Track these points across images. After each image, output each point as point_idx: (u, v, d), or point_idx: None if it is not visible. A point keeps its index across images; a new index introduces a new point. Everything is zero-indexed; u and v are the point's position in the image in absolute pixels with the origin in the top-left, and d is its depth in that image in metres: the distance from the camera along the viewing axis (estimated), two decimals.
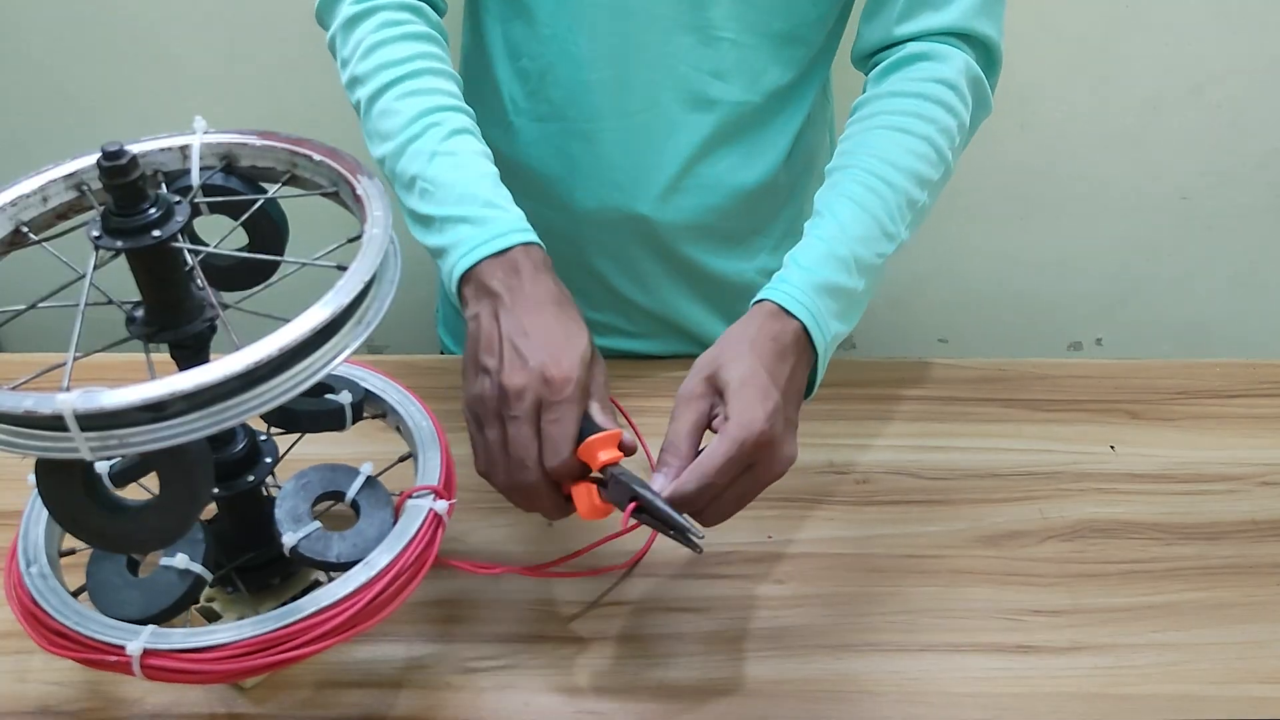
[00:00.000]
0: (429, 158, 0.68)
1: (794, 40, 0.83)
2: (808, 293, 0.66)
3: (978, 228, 1.43)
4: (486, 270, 0.64)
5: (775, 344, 0.64)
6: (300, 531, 0.58)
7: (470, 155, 0.69)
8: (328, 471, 0.61)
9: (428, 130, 0.69)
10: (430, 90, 0.71)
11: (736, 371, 0.62)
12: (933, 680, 0.66)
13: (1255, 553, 0.76)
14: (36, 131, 1.32)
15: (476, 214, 0.66)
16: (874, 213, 0.70)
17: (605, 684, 0.65)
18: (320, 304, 0.48)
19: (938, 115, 0.74)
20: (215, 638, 0.53)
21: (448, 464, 0.64)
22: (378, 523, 0.59)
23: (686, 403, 0.63)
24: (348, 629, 0.54)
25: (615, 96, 0.82)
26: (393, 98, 0.71)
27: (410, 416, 0.67)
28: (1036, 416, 0.88)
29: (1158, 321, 1.53)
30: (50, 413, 0.43)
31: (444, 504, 0.60)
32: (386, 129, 0.71)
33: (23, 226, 0.56)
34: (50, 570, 0.57)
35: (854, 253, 0.69)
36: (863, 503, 0.79)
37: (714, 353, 0.64)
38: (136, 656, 0.52)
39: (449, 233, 0.67)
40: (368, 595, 0.55)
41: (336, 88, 0.74)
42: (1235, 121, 1.34)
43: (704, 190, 0.87)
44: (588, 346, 0.62)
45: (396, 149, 0.70)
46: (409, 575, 0.57)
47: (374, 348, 1.32)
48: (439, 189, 0.67)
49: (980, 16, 0.76)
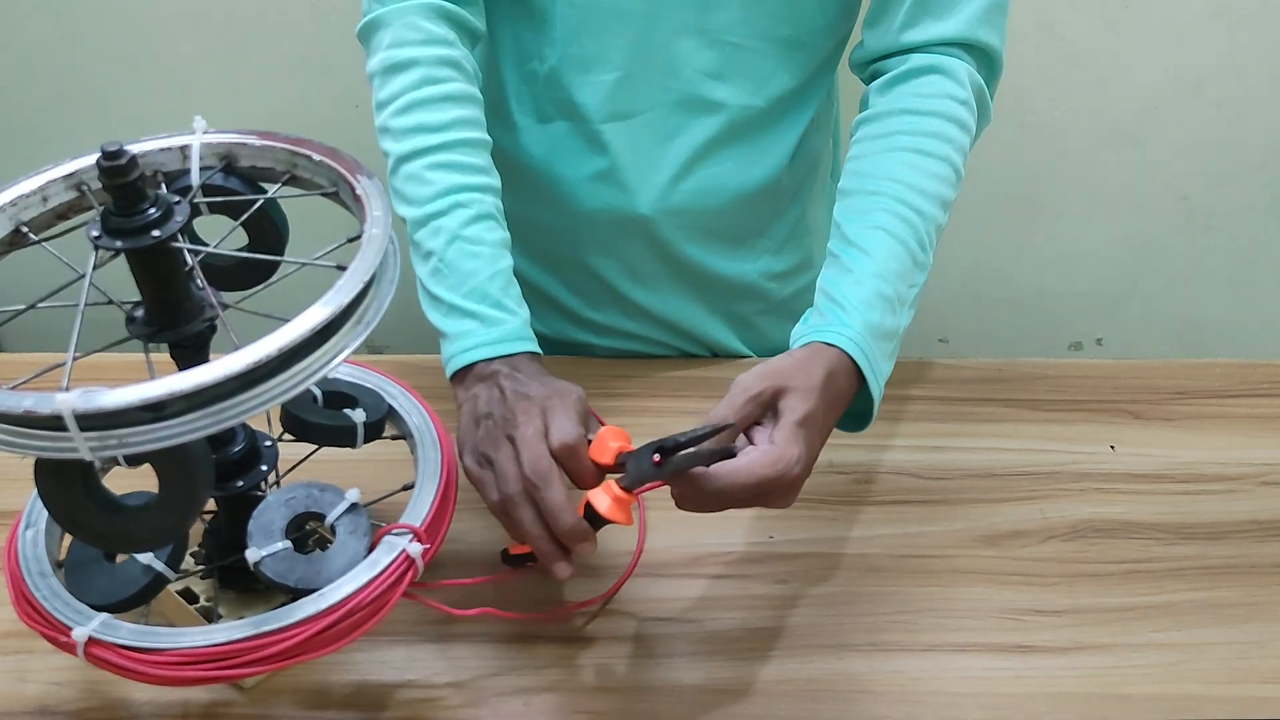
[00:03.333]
0: (449, 240, 0.70)
1: (800, 46, 0.82)
2: (865, 337, 0.67)
3: (978, 228, 1.43)
4: (484, 366, 0.67)
5: (837, 394, 0.65)
6: (266, 549, 0.56)
7: (489, 247, 0.71)
8: (316, 491, 0.59)
9: (453, 210, 0.71)
10: (462, 166, 0.72)
11: (802, 409, 0.62)
12: (933, 680, 0.66)
13: (1255, 552, 0.76)
14: (36, 131, 1.32)
15: (485, 314, 0.69)
16: (908, 244, 0.71)
17: (605, 684, 0.65)
18: (320, 304, 0.48)
19: (954, 135, 0.74)
20: (160, 642, 0.53)
21: (441, 501, 0.62)
22: (349, 554, 0.57)
23: (744, 391, 0.63)
24: (288, 657, 0.53)
25: (619, 99, 0.82)
26: (423, 165, 0.72)
27: (423, 447, 0.65)
28: (1036, 416, 0.88)
29: (1157, 321, 1.53)
30: (50, 413, 0.43)
31: (419, 548, 0.58)
32: (413, 195, 0.72)
33: (23, 226, 0.56)
34: (43, 537, 0.58)
35: (897, 291, 0.70)
36: (863, 503, 0.79)
37: (787, 368, 0.64)
38: (81, 642, 0.53)
39: (455, 322, 0.69)
40: (315, 626, 0.54)
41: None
42: (1235, 121, 1.34)
43: (706, 192, 0.87)
44: (584, 405, 0.65)
45: (419, 219, 0.71)
46: (364, 614, 0.55)
47: (374, 348, 1.32)
48: (453, 275, 0.70)
49: (984, 26, 0.76)
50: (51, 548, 0.59)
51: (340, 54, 1.23)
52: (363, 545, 0.58)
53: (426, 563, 0.59)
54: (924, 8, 0.76)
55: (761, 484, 0.59)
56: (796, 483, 0.62)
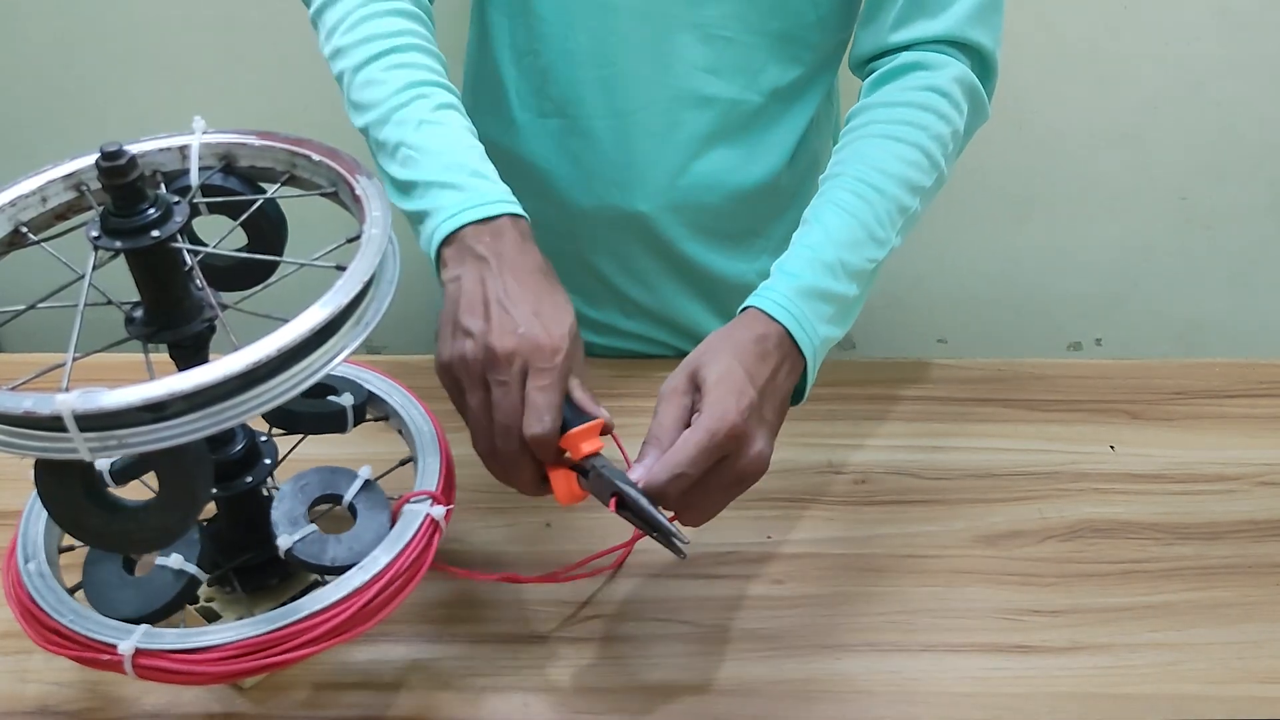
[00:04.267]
0: (416, 125, 0.67)
1: (793, 40, 0.83)
2: (792, 298, 0.66)
3: (977, 228, 1.43)
4: (471, 234, 0.64)
5: (757, 346, 0.64)
6: (296, 534, 0.58)
7: (458, 129, 0.69)
8: (326, 474, 0.61)
9: (415, 100, 0.68)
10: (418, 65, 0.71)
11: (715, 369, 0.62)
12: (931, 680, 0.66)
13: (1253, 553, 0.76)
14: (36, 131, 1.32)
15: (463, 181, 0.65)
16: (862, 218, 0.70)
17: (604, 684, 0.65)
18: (319, 304, 0.48)
19: (929, 122, 0.74)
20: (208, 639, 0.53)
21: (448, 468, 0.64)
22: (375, 526, 0.59)
23: (667, 398, 0.63)
24: (342, 632, 0.54)
25: (614, 94, 0.82)
26: (379, 69, 0.70)
27: (412, 420, 0.67)
28: (1035, 416, 0.88)
29: (1156, 321, 1.53)
30: (49, 413, 0.43)
31: (440, 509, 0.60)
32: (371, 98, 0.69)
33: (22, 226, 0.56)
34: (49, 568, 0.57)
35: (841, 258, 0.69)
36: (861, 503, 0.79)
37: (697, 352, 0.65)
38: (128, 656, 0.52)
39: (431, 198, 0.65)
40: (363, 599, 0.55)
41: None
42: (1234, 121, 1.34)
43: (703, 189, 0.87)
44: (574, 320, 0.62)
45: (380, 117, 0.69)
46: (404, 579, 0.57)
47: (373, 348, 1.32)
48: (424, 155, 0.66)
49: (975, 25, 0.76)
50: (59, 573, 0.58)
51: None
52: (385, 518, 0.59)
53: (447, 523, 0.61)
54: (915, 6, 0.76)
55: (704, 446, 0.58)
56: (749, 435, 0.60)
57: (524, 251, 0.64)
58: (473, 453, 0.62)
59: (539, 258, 0.65)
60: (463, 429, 0.63)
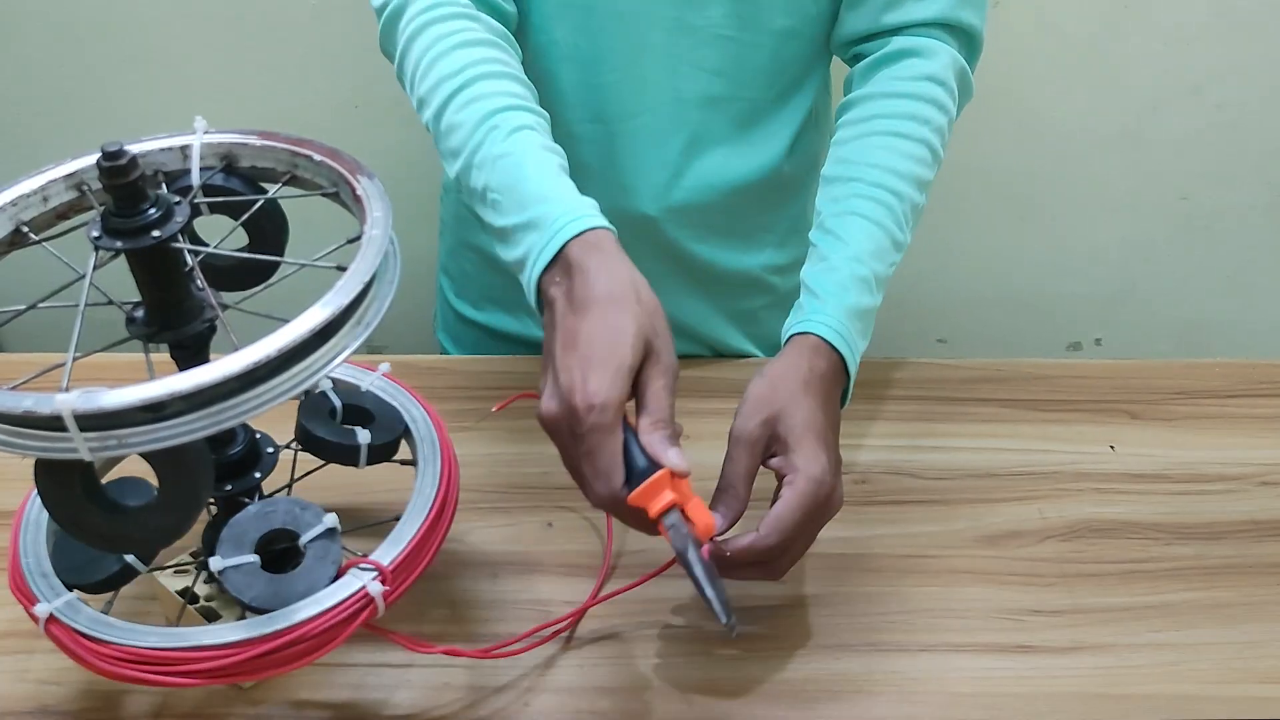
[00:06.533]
0: (492, 165, 0.65)
1: (795, 36, 0.83)
2: (843, 321, 0.68)
3: (977, 228, 1.43)
4: (546, 281, 0.62)
5: (824, 383, 0.66)
6: (231, 560, 0.54)
7: (526, 151, 0.65)
8: (298, 509, 0.57)
9: (488, 136, 0.66)
10: (488, 94, 0.67)
11: (798, 417, 0.63)
12: (932, 680, 0.66)
13: (1254, 553, 0.76)
14: (36, 131, 1.32)
15: (538, 215, 0.62)
16: (885, 226, 0.72)
17: (604, 683, 0.65)
18: (320, 304, 0.48)
19: (931, 115, 0.75)
20: (108, 634, 0.53)
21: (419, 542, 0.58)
22: (311, 579, 0.55)
23: (744, 445, 0.63)
24: (223, 675, 0.52)
25: (617, 98, 0.82)
26: (453, 111, 0.68)
27: (423, 477, 0.62)
28: (1035, 416, 0.88)
29: (1156, 321, 1.53)
30: (49, 413, 0.43)
31: (379, 588, 0.55)
32: (455, 146, 0.67)
33: (23, 226, 0.56)
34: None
35: (874, 271, 0.71)
36: (861, 503, 0.79)
37: (767, 393, 0.64)
38: (42, 618, 0.54)
39: (522, 244, 0.63)
40: (255, 649, 0.52)
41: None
42: (1234, 122, 1.34)
43: (706, 187, 0.87)
44: (630, 351, 0.57)
45: (465, 165, 0.67)
46: (311, 644, 0.53)
47: (374, 348, 1.32)
48: (505, 196, 0.64)
49: (965, 6, 0.77)
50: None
51: (341, 54, 1.23)
52: (328, 573, 0.55)
53: (390, 604, 0.55)
54: None
55: (808, 510, 0.61)
56: (838, 489, 0.63)
57: (589, 281, 0.60)
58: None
59: (605, 282, 0.60)
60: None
